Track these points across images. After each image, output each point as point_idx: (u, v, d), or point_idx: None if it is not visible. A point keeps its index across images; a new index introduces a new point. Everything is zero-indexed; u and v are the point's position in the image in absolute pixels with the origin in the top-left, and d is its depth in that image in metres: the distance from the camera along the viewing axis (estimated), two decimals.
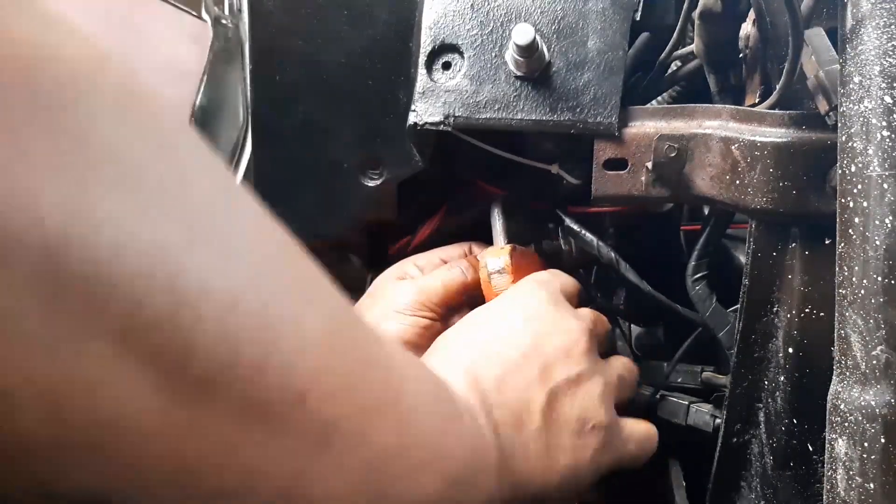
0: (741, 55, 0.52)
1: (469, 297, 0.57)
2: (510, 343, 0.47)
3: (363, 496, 0.30)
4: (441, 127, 0.53)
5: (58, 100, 0.18)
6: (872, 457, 0.34)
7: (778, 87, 0.46)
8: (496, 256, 0.55)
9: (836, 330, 0.37)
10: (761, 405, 0.50)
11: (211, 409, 0.22)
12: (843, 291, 0.37)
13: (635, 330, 0.71)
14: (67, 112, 0.18)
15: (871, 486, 0.34)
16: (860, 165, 0.36)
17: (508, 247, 0.56)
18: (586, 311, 0.53)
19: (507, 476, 0.41)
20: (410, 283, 0.57)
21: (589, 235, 0.59)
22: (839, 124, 0.38)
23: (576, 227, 0.60)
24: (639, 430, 0.52)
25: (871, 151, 0.35)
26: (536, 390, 0.45)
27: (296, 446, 0.26)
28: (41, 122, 0.18)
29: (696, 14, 0.52)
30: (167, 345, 0.20)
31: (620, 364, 0.53)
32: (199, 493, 0.23)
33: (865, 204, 0.35)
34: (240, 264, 0.23)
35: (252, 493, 0.25)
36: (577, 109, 0.52)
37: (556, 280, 0.54)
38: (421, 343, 0.52)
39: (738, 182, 0.47)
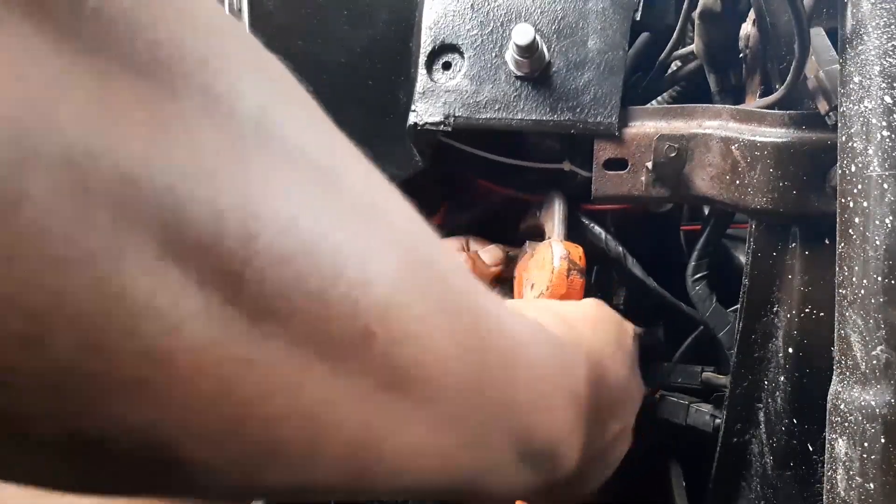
0: (741, 55, 0.52)
1: None
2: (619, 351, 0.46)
3: (433, 453, 0.26)
4: (441, 127, 0.53)
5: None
6: (872, 457, 0.34)
7: (783, 86, 0.46)
8: (576, 252, 0.54)
9: (836, 330, 0.37)
10: (761, 405, 0.50)
11: (268, 342, 0.20)
12: (843, 291, 0.37)
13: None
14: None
15: (871, 486, 0.34)
16: (860, 165, 0.36)
17: (580, 246, 0.55)
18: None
19: (583, 458, 0.38)
20: None
21: (598, 229, 0.59)
22: (839, 124, 0.38)
23: (585, 221, 0.60)
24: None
25: (871, 151, 0.35)
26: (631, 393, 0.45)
27: (363, 391, 0.22)
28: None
29: (696, 14, 0.52)
30: (215, 266, 0.18)
31: None
32: (259, 443, 0.21)
33: (865, 204, 0.35)
34: (297, 181, 0.21)
35: (316, 444, 0.22)
36: (577, 109, 0.52)
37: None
38: None
39: (738, 182, 0.47)
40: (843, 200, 0.37)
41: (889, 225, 0.34)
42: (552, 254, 0.54)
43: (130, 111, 0.17)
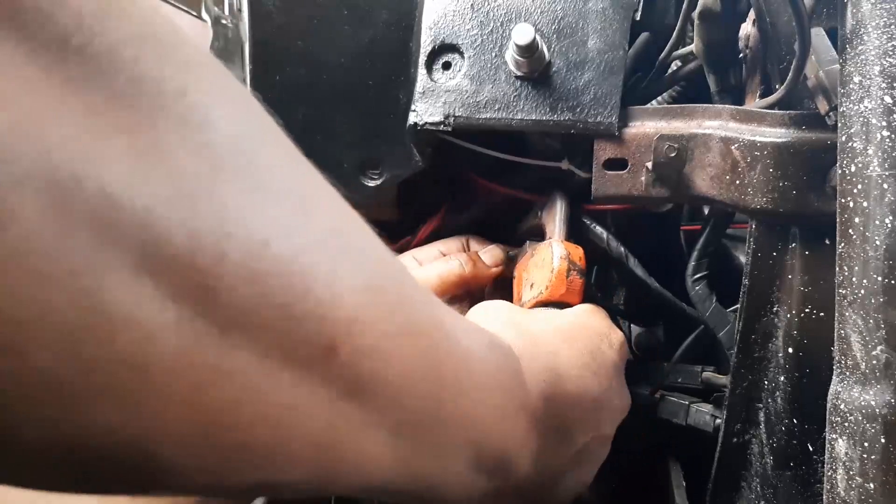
0: (741, 55, 0.52)
1: (467, 290, 0.57)
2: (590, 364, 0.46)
3: (390, 459, 0.28)
4: (441, 127, 0.53)
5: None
6: (872, 457, 0.34)
7: (782, 86, 0.46)
8: (576, 252, 0.54)
9: (836, 330, 0.37)
10: (761, 405, 0.50)
11: (237, 352, 0.21)
12: (843, 291, 0.37)
13: (635, 330, 0.71)
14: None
15: (871, 486, 0.34)
16: (860, 165, 0.36)
17: (580, 247, 0.55)
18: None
19: (536, 472, 0.40)
20: None
21: (599, 229, 0.59)
22: (839, 124, 0.38)
23: (586, 221, 0.60)
24: None
25: (871, 151, 0.35)
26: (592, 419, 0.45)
27: (326, 399, 0.24)
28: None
29: (695, 14, 0.52)
30: (188, 281, 0.20)
31: None
32: (228, 445, 0.22)
33: (865, 204, 0.35)
34: (270, 207, 0.22)
35: (281, 447, 0.24)
36: (577, 109, 0.52)
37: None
38: None
39: (738, 182, 0.47)
40: (843, 200, 0.37)
41: (889, 225, 0.34)
42: (552, 254, 0.54)
43: (113, 139, 0.18)
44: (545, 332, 0.46)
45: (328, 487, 0.28)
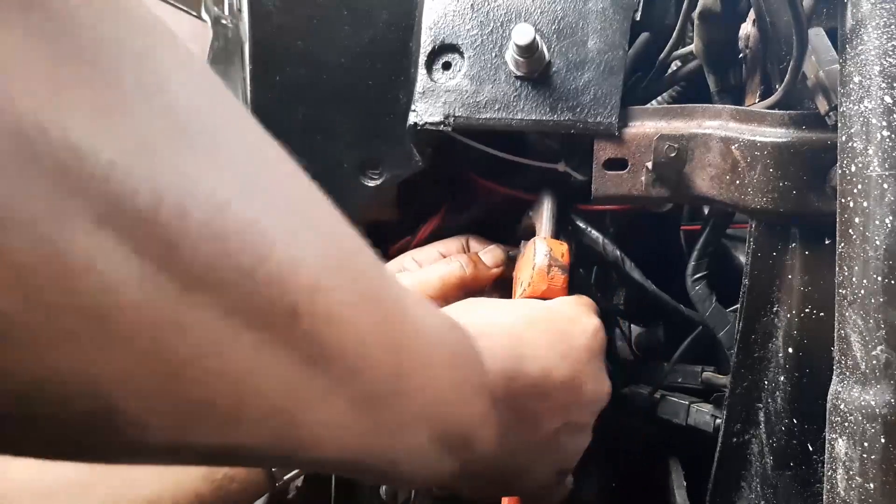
0: (741, 55, 0.52)
1: (467, 292, 0.57)
2: (550, 339, 0.46)
3: (350, 431, 0.29)
4: (441, 127, 0.53)
5: None
6: (872, 457, 0.34)
7: (781, 86, 0.46)
8: (559, 249, 0.54)
9: (836, 330, 0.37)
10: (761, 405, 0.50)
11: (199, 309, 0.21)
12: (843, 291, 0.37)
13: (635, 330, 0.71)
14: None
15: (871, 486, 0.34)
16: (860, 165, 0.36)
17: (565, 244, 0.55)
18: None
19: (501, 452, 0.40)
20: (407, 276, 0.57)
21: (595, 233, 0.59)
22: (839, 124, 0.38)
23: (582, 225, 0.60)
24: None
25: (871, 151, 0.35)
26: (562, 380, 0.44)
27: (286, 361, 0.25)
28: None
29: (695, 14, 0.52)
30: (152, 236, 0.20)
31: None
32: (188, 399, 0.22)
33: (865, 204, 0.35)
34: (230, 171, 0.23)
35: (240, 407, 0.24)
36: (577, 109, 0.52)
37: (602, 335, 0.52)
38: None
39: (738, 182, 0.47)
40: (843, 200, 0.37)
41: (889, 225, 0.34)
42: (535, 251, 0.54)
43: (77, 90, 0.19)
44: (507, 316, 0.46)
45: (289, 457, 0.28)
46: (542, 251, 0.53)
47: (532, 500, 0.51)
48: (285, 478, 0.56)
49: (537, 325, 0.46)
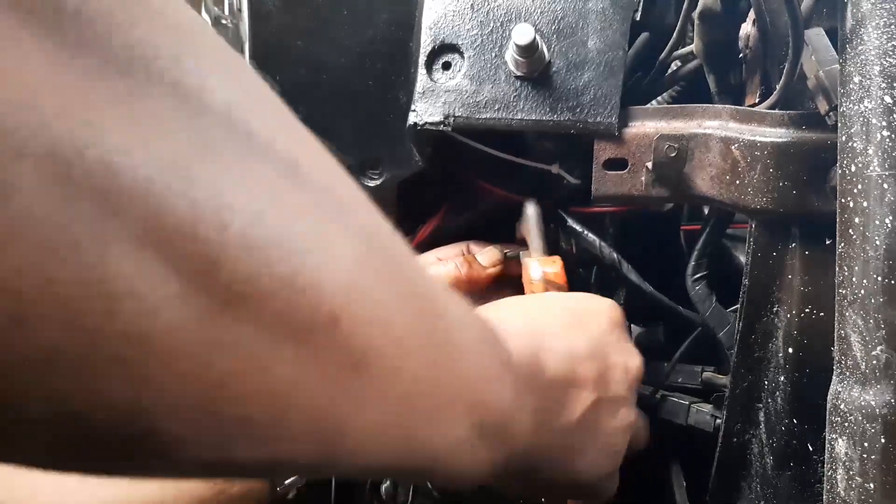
0: (741, 55, 0.52)
1: (465, 291, 0.57)
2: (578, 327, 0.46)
3: (394, 432, 0.28)
4: (441, 127, 0.53)
5: None
6: (872, 457, 0.34)
7: (778, 86, 0.46)
8: (551, 266, 0.54)
9: (836, 330, 0.37)
10: (761, 405, 0.50)
11: (240, 325, 0.21)
12: (843, 291, 0.37)
13: (635, 330, 0.71)
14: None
15: (871, 486, 0.34)
16: (860, 165, 0.36)
17: (558, 258, 0.55)
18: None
19: (540, 438, 0.40)
20: None
21: (591, 236, 0.59)
22: (839, 124, 0.38)
23: (578, 228, 0.60)
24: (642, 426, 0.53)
25: (871, 151, 0.35)
26: (588, 368, 0.44)
27: (329, 371, 0.24)
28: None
29: (695, 14, 0.52)
30: (191, 253, 0.19)
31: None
32: (230, 418, 0.22)
33: (865, 204, 0.35)
34: (263, 175, 0.22)
35: (283, 421, 0.24)
36: (577, 109, 0.52)
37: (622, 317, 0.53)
38: None
39: (738, 182, 0.47)
40: (843, 200, 0.37)
41: (889, 225, 0.34)
42: (530, 276, 0.55)
43: (110, 107, 0.18)
44: (520, 305, 0.47)
45: (331, 467, 0.28)
46: (536, 276, 0.54)
47: (591, 493, 0.50)
48: (287, 482, 0.56)
49: (552, 309, 0.47)
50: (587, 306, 0.49)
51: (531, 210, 0.58)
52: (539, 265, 0.55)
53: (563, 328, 0.45)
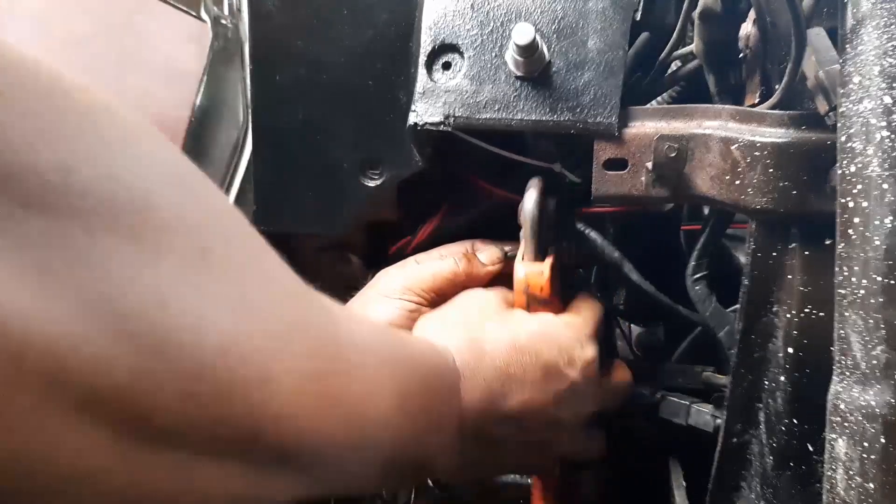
0: (741, 55, 0.52)
1: (464, 287, 0.57)
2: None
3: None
4: (441, 127, 0.53)
5: None
6: (872, 457, 0.34)
7: (780, 86, 0.46)
8: (537, 282, 0.54)
9: (836, 330, 0.37)
10: (761, 405, 0.50)
11: (167, 457, 0.24)
12: (843, 291, 0.37)
13: (635, 330, 0.71)
14: None
15: (871, 486, 0.34)
16: (860, 165, 0.36)
17: (548, 267, 0.55)
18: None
19: (464, 469, 0.45)
20: (399, 269, 0.57)
21: (593, 234, 0.59)
22: (839, 124, 0.38)
23: (580, 227, 0.60)
24: (618, 379, 0.56)
25: (871, 151, 0.35)
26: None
27: (253, 472, 0.28)
28: None
29: (696, 14, 0.52)
30: (126, 411, 0.22)
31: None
32: None
33: (865, 204, 0.35)
34: (209, 332, 0.25)
35: None
36: (577, 109, 0.52)
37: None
38: (407, 326, 0.54)
39: (738, 182, 0.47)
40: (843, 200, 0.37)
41: (889, 225, 0.34)
42: (516, 282, 0.55)
43: (61, 297, 0.21)
44: (498, 344, 0.49)
45: None
46: (520, 288, 0.54)
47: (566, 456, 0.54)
48: None
49: (526, 357, 0.49)
50: (562, 363, 0.50)
51: (529, 205, 0.57)
52: (524, 274, 0.54)
53: (530, 385, 0.48)
